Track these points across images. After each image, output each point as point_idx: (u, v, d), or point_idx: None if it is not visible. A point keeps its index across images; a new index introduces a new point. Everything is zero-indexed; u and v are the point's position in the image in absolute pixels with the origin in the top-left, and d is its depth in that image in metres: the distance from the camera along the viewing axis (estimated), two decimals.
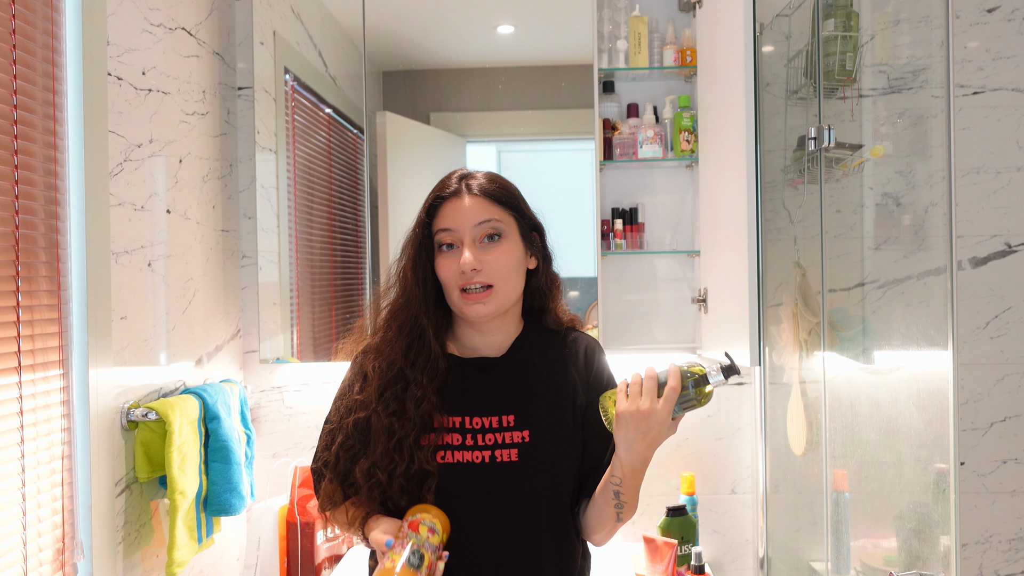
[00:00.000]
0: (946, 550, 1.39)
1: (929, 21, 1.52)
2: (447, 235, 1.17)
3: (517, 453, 1.16)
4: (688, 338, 2.11)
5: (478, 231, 1.16)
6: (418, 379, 1.17)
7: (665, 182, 2.11)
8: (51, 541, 1.26)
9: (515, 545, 1.16)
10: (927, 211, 1.52)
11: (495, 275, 1.17)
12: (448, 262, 1.17)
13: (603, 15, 2.04)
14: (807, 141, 1.65)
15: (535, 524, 1.16)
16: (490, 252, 1.17)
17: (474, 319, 1.18)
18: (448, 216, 1.17)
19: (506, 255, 1.18)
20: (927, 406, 1.43)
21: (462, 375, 1.22)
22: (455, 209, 1.17)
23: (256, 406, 2.09)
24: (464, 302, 1.17)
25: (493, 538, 1.16)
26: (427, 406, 1.16)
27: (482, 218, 1.17)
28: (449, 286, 1.18)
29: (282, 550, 1.87)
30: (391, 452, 1.14)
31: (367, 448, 1.17)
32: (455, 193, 1.18)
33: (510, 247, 1.18)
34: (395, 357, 1.19)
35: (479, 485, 1.15)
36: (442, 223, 1.18)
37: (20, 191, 1.20)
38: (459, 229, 1.16)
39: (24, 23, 1.21)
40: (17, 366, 1.19)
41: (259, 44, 2.01)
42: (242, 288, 2.07)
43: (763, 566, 2.03)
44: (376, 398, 1.18)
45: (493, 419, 1.18)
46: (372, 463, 1.15)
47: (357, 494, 1.18)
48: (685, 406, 1.10)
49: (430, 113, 2.06)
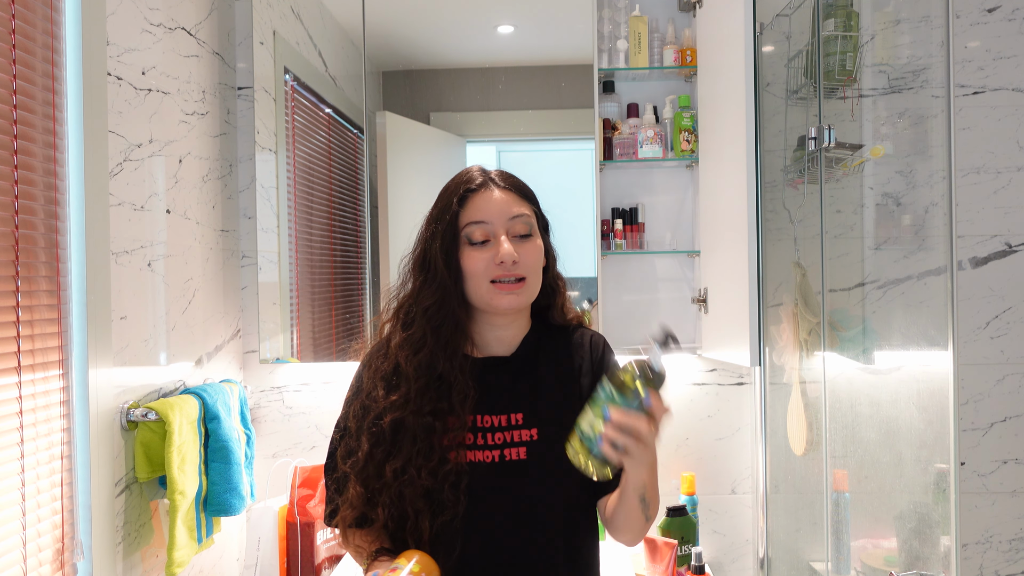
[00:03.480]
0: (946, 550, 1.39)
1: (929, 21, 1.52)
2: (478, 228, 1.14)
3: (525, 451, 1.15)
4: (688, 338, 2.11)
5: (512, 224, 1.15)
6: (459, 378, 1.15)
7: (665, 182, 2.11)
8: (51, 541, 1.26)
9: (526, 545, 1.15)
10: (927, 211, 1.52)
11: (528, 269, 1.16)
12: (480, 254, 1.14)
13: (603, 15, 2.04)
14: (807, 141, 1.65)
15: (546, 523, 1.15)
16: (523, 246, 1.15)
17: (505, 310, 1.16)
18: (480, 208, 1.15)
19: (538, 250, 1.17)
20: (927, 406, 1.43)
21: (474, 375, 1.19)
22: (486, 201, 1.15)
23: (256, 406, 2.09)
24: (496, 292, 1.14)
25: (504, 538, 1.14)
26: (471, 402, 1.14)
27: (516, 212, 1.15)
28: (479, 278, 1.14)
29: (282, 550, 1.87)
30: (430, 451, 1.11)
31: (398, 449, 1.12)
32: (483, 185, 1.16)
33: (538, 243, 1.18)
34: (434, 352, 1.15)
35: (489, 484, 1.14)
36: (474, 215, 1.15)
37: (20, 191, 1.20)
38: (494, 222, 1.14)
39: (24, 23, 1.21)
40: (17, 366, 1.19)
41: (259, 44, 2.01)
42: (242, 288, 2.07)
43: (763, 566, 2.03)
44: (417, 396, 1.13)
45: (502, 418, 1.16)
46: (406, 461, 1.11)
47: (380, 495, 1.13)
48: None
49: (430, 113, 2.06)
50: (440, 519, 1.11)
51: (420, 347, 1.16)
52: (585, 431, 1.03)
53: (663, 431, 1.03)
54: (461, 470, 1.12)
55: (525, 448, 1.15)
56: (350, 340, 2.09)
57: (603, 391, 1.02)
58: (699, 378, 2.09)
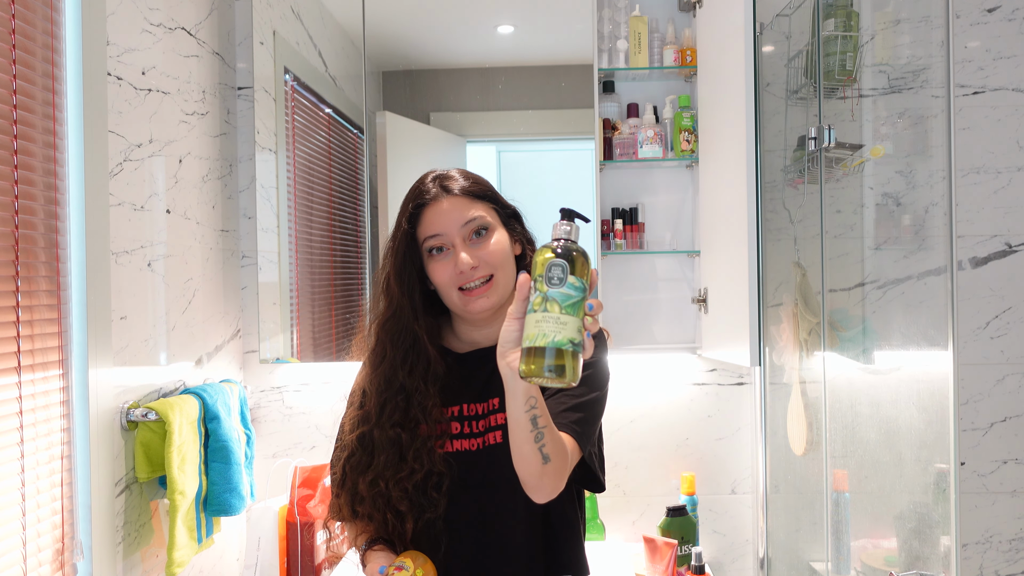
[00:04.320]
0: (946, 550, 1.39)
1: (929, 21, 1.52)
2: (435, 240, 1.18)
3: (501, 435, 1.17)
4: (688, 338, 2.11)
5: (466, 230, 1.18)
6: (420, 387, 1.19)
7: (665, 182, 2.11)
8: (51, 541, 1.26)
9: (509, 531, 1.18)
10: (927, 211, 1.52)
11: (492, 266, 1.18)
12: (443, 266, 1.18)
13: (603, 15, 2.04)
14: (807, 141, 1.65)
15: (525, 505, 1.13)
16: (481, 247, 1.18)
17: (478, 314, 1.19)
18: (433, 222, 1.18)
19: (497, 245, 1.19)
20: (927, 406, 1.43)
21: (461, 369, 1.23)
22: (437, 214, 1.18)
23: (256, 406, 2.09)
24: (466, 300, 1.18)
25: (487, 525, 1.18)
26: (436, 412, 1.18)
27: (467, 217, 1.18)
28: (447, 288, 1.19)
29: (282, 550, 1.87)
30: (399, 463, 1.16)
31: (373, 461, 1.18)
32: (434, 198, 1.19)
33: (498, 237, 1.20)
34: (392, 369, 1.20)
35: (474, 471, 1.17)
36: (428, 230, 1.19)
37: (20, 191, 1.20)
38: (447, 232, 1.17)
39: (24, 23, 1.21)
40: (17, 366, 1.19)
41: (259, 44, 2.01)
42: (242, 288, 2.07)
43: (763, 566, 2.03)
44: (377, 412, 1.19)
45: (483, 405, 1.20)
46: (376, 475, 1.17)
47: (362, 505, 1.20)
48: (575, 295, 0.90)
49: (430, 113, 2.06)
50: (423, 519, 1.16)
51: (379, 362, 1.21)
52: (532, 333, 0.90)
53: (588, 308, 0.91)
54: (438, 471, 1.16)
55: (501, 432, 1.18)
56: (350, 340, 2.09)
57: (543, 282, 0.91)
58: (699, 378, 2.09)
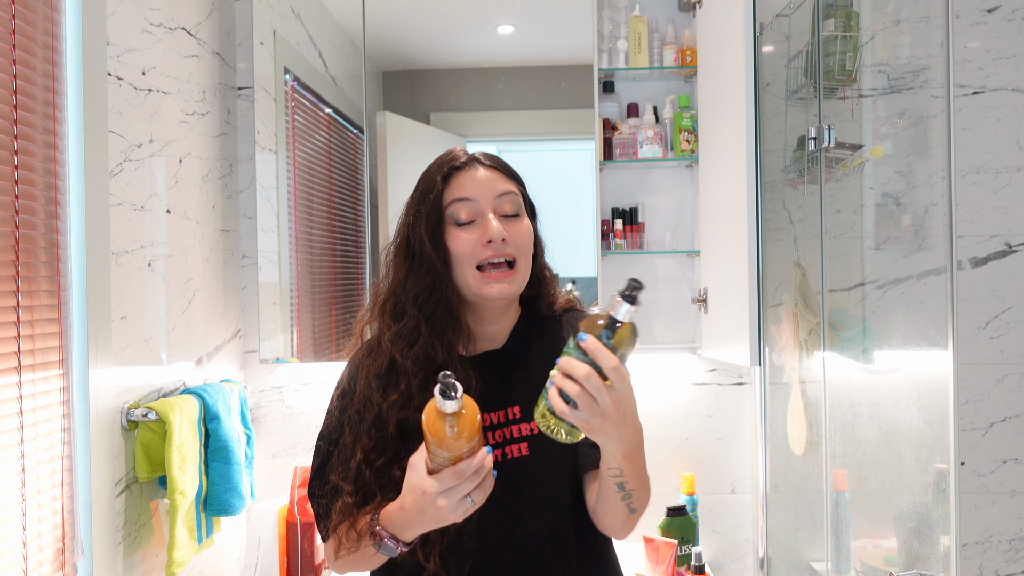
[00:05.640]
0: (946, 550, 1.39)
1: (929, 21, 1.52)
2: (464, 206, 1.07)
3: (527, 447, 1.10)
4: (688, 338, 2.11)
5: (499, 203, 1.08)
6: (458, 367, 1.07)
7: (665, 182, 2.11)
8: (51, 541, 1.26)
9: (540, 545, 1.10)
10: (927, 211, 1.52)
11: (520, 249, 1.09)
12: (466, 235, 1.07)
13: (603, 15, 2.04)
14: (807, 141, 1.66)
15: (555, 520, 1.10)
16: (511, 225, 1.08)
17: (493, 300, 1.08)
18: (465, 186, 1.08)
19: (527, 230, 1.10)
20: (927, 406, 1.43)
21: (467, 374, 1.11)
22: (471, 179, 1.08)
23: (256, 406, 2.09)
24: (484, 281, 1.07)
25: (514, 541, 1.09)
26: (475, 393, 1.04)
27: (504, 189, 1.09)
28: (464, 262, 1.07)
29: (282, 550, 1.87)
30: None
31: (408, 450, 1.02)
32: (468, 164, 1.10)
33: (527, 223, 1.11)
34: (430, 342, 1.07)
35: (497, 485, 1.02)
36: (458, 192, 1.08)
37: (20, 191, 1.20)
38: (480, 199, 1.07)
39: (24, 23, 1.21)
40: (17, 366, 1.19)
41: (259, 44, 2.01)
42: (242, 288, 2.07)
43: (763, 566, 2.03)
44: (419, 392, 1.05)
45: (500, 414, 1.11)
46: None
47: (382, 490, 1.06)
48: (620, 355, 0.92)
49: (430, 113, 2.06)
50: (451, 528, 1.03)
51: (415, 338, 1.08)
52: (546, 389, 0.93)
53: (623, 391, 0.90)
54: None
55: (527, 444, 1.10)
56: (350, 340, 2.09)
57: (566, 346, 0.94)
58: (699, 378, 2.09)
